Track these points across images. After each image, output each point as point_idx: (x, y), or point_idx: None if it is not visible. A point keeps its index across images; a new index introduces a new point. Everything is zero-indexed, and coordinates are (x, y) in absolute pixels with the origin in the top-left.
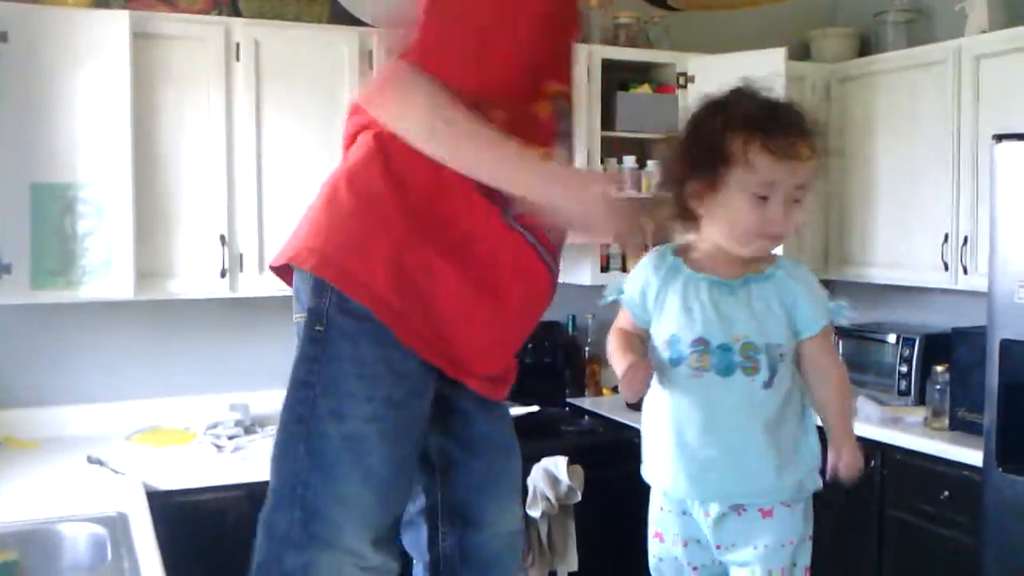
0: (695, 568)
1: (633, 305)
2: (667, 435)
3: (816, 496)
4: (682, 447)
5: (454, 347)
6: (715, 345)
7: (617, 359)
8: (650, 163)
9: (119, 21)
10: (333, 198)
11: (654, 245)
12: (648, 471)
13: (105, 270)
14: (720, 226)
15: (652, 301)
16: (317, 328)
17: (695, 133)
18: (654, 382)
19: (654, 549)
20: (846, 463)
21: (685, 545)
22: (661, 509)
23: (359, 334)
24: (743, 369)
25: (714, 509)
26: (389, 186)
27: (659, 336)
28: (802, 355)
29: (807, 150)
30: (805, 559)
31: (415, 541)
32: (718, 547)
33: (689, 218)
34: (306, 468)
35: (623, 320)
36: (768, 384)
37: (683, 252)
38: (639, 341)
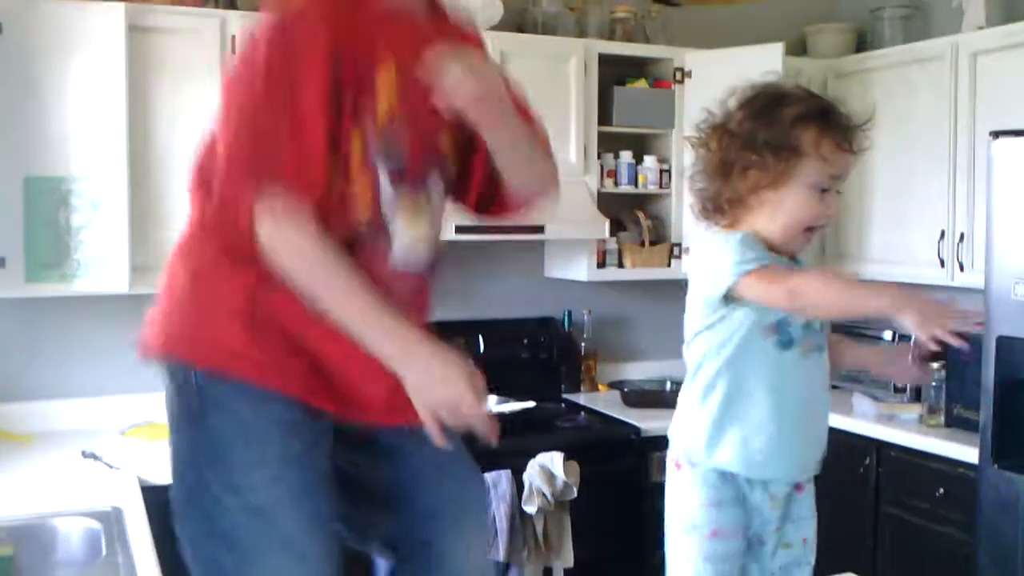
0: (740, 553)
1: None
2: (765, 418)
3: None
4: (782, 428)
5: (334, 382)
6: (817, 326)
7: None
8: (647, 158)
9: (114, 13)
10: (172, 281)
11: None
12: (729, 459)
13: (100, 264)
14: (777, 217)
15: None
16: (190, 407)
17: (757, 123)
18: (743, 365)
19: (709, 549)
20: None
21: (743, 534)
22: (714, 505)
23: (233, 398)
24: (821, 347)
25: (783, 490)
26: (222, 256)
27: (761, 320)
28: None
29: (859, 144)
30: None
31: None
32: (776, 528)
33: (730, 212)
34: (219, 552)
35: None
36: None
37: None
38: None
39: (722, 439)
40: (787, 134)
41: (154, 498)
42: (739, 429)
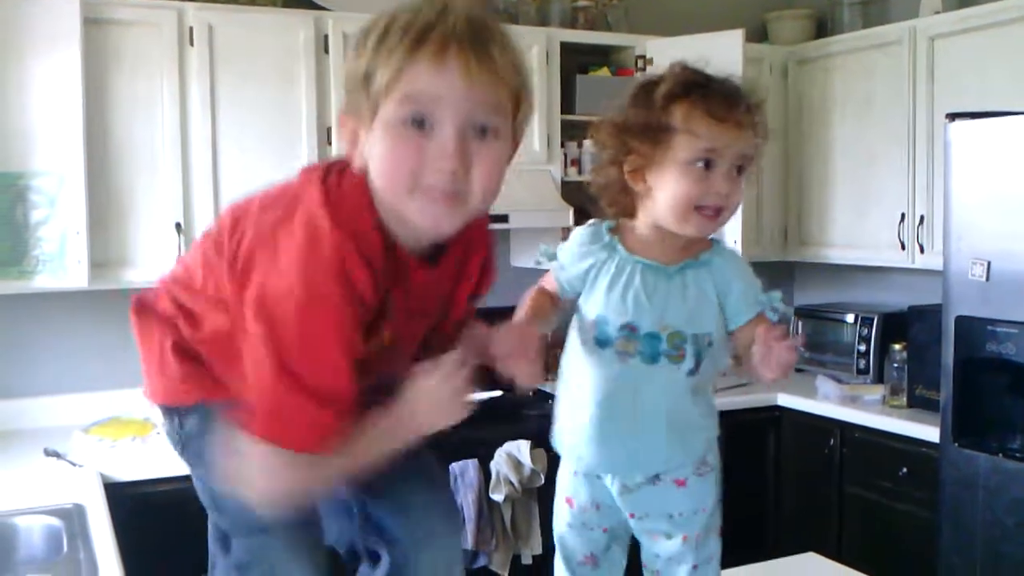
0: (604, 529)
1: (562, 273)
2: (587, 410)
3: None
4: (602, 424)
5: None
6: (643, 332)
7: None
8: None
9: (70, 6)
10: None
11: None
12: (561, 440)
13: (59, 260)
14: (659, 199)
15: (583, 275)
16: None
17: (633, 108)
18: (577, 353)
19: (563, 515)
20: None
21: (597, 508)
22: (575, 474)
23: (201, 418)
24: (668, 357)
25: (630, 480)
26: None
27: (588, 313)
28: (737, 339)
29: (749, 117)
30: (717, 523)
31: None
32: (631, 515)
33: (627, 203)
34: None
35: (547, 282)
36: (693, 372)
37: (619, 231)
38: (551, 305)
39: (558, 421)
40: (657, 113)
41: (116, 495)
42: (565, 413)
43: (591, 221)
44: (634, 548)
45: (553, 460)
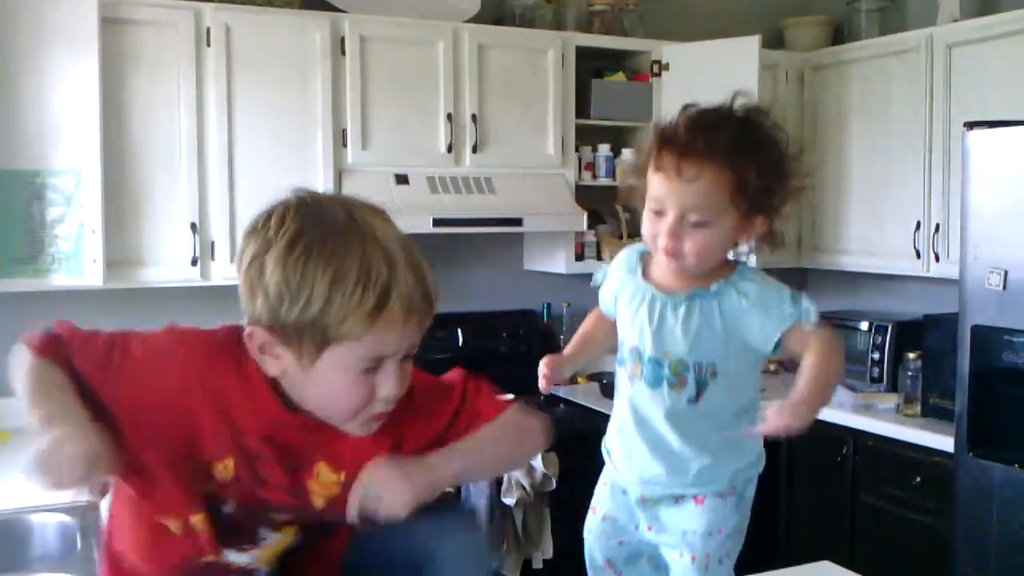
0: (621, 542)
1: (601, 296)
2: (617, 422)
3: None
4: (624, 436)
5: None
6: (647, 357)
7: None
8: (625, 151)
9: (88, 6)
10: None
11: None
12: (606, 446)
13: (75, 258)
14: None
15: (613, 296)
16: None
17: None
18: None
19: (588, 521)
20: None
21: (616, 520)
22: (604, 484)
23: None
24: (669, 383)
25: (650, 493)
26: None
27: (618, 333)
28: (785, 352)
29: (694, 169)
30: (735, 550)
31: None
32: (648, 528)
33: None
34: None
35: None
36: (695, 400)
37: (647, 257)
38: (598, 329)
39: (609, 428)
40: (644, 152)
41: None
42: (612, 423)
43: (632, 245)
44: None
45: (564, 465)
